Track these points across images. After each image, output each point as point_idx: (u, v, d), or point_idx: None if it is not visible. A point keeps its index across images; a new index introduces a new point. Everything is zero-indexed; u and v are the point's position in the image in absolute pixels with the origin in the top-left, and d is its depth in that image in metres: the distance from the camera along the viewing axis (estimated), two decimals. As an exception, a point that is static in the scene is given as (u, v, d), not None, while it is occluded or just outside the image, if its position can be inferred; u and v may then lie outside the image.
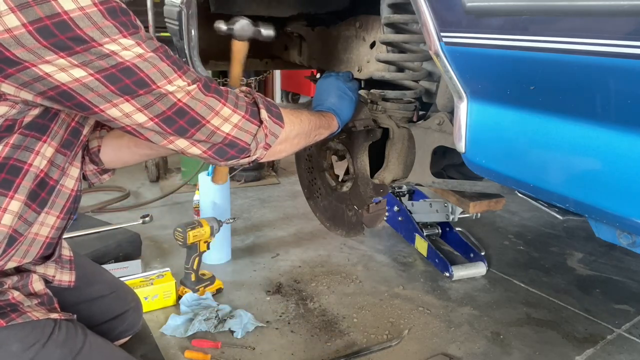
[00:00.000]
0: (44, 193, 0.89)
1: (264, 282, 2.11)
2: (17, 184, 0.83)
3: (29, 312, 0.87)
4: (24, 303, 0.89)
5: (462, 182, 1.38)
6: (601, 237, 0.98)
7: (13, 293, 0.88)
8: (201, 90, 0.84)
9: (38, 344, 0.86)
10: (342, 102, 1.25)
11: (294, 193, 3.26)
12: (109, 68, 0.73)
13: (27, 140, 0.82)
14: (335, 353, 1.64)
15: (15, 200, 0.84)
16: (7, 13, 0.66)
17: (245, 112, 0.91)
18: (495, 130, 1.00)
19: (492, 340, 1.75)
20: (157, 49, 0.78)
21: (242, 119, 0.90)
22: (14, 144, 0.81)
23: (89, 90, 0.74)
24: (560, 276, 2.25)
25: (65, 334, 0.90)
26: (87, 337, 0.95)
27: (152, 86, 0.77)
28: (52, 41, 0.68)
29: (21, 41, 0.67)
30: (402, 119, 1.42)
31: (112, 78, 0.74)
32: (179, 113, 0.82)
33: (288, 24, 1.89)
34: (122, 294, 1.25)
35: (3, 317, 0.84)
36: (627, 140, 0.77)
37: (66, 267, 1.07)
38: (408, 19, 1.24)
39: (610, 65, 0.72)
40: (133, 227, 2.36)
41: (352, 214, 1.54)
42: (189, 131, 0.85)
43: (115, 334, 1.20)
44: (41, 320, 0.88)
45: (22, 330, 0.85)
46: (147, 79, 0.77)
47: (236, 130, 0.89)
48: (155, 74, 0.77)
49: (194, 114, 0.83)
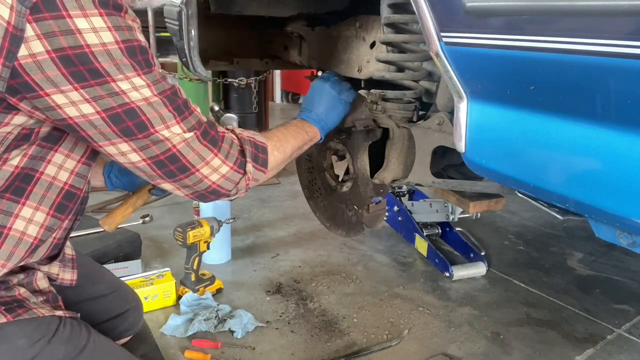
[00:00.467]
0: (59, 198, 0.91)
1: (264, 282, 2.11)
2: (42, 195, 0.87)
3: (35, 309, 0.89)
4: (29, 299, 0.90)
5: (462, 182, 1.38)
6: (601, 237, 0.98)
7: (19, 290, 0.90)
8: (198, 139, 0.86)
9: (43, 339, 0.87)
10: (330, 113, 1.28)
11: (294, 193, 3.26)
12: (115, 107, 0.76)
13: (43, 152, 0.85)
14: (335, 353, 1.64)
15: (40, 212, 0.87)
16: (34, 39, 0.69)
17: (234, 162, 0.93)
18: (495, 130, 1.00)
19: (492, 340, 1.75)
20: (164, 91, 0.81)
21: (231, 170, 0.92)
22: (32, 154, 0.84)
23: (93, 127, 0.77)
24: (560, 276, 2.25)
25: (69, 331, 0.92)
26: (91, 335, 0.96)
27: (150, 130, 0.80)
28: (71, 70, 0.71)
29: (43, 67, 0.70)
30: (402, 119, 1.42)
31: (116, 118, 0.77)
32: (171, 159, 0.84)
33: (288, 24, 1.89)
34: (122, 294, 1.26)
35: (10, 312, 0.85)
36: (627, 140, 0.77)
37: (68, 265, 1.08)
38: (408, 19, 1.24)
39: (610, 65, 0.72)
40: (133, 227, 2.36)
41: (352, 214, 1.54)
42: (177, 176, 0.87)
43: (116, 333, 1.20)
44: (47, 316, 0.90)
45: (28, 325, 0.86)
46: (147, 123, 0.79)
47: (222, 180, 0.92)
48: (155, 118, 0.80)
49: (185, 162, 0.86)
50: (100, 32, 0.72)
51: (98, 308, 1.16)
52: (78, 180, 0.91)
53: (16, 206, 0.84)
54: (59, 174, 0.88)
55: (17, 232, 0.85)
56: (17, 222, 0.84)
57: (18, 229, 0.85)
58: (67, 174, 0.89)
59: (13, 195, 0.83)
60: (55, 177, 0.87)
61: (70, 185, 0.90)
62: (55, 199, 0.88)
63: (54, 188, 0.88)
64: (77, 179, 0.91)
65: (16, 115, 0.77)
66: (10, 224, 0.84)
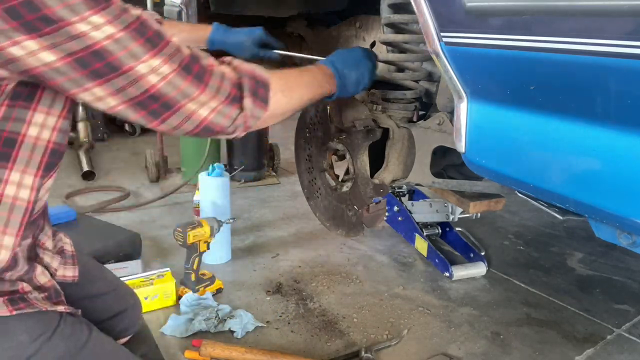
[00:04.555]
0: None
1: (264, 282, 2.11)
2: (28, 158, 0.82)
3: (36, 303, 0.88)
4: (31, 294, 0.89)
5: (462, 182, 1.39)
6: (601, 237, 0.98)
7: (22, 284, 0.89)
8: (179, 74, 0.80)
9: (44, 335, 0.86)
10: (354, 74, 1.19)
11: (294, 193, 3.26)
12: (79, 51, 0.70)
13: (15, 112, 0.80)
14: (335, 353, 1.64)
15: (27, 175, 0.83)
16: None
17: (226, 97, 0.86)
18: (495, 130, 1.00)
19: (492, 340, 1.75)
20: (129, 25, 0.74)
21: (221, 105, 0.86)
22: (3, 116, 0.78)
23: (60, 75, 0.72)
24: (560, 276, 2.25)
25: (70, 327, 0.91)
26: (92, 332, 0.95)
27: (122, 68, 0.74)
28: (20, 22, 0.66)
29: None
30: (402, 119, 1.42)
31: (82, 62, 0.71)
32: (152, 98, 0.79)
33: (288, 24, 1.89)
34: (121, 293, 1.25)
35: (12, 304, 0.84)
36: (627, 140, 0.77)
37: (69, 262, 1.08)
38: (408, 19, 1.24)
39: (610, 65, 0.72)
40: (133, 227, 2.36)
41: (352, 214, 1.54)
42: (161, 115, 0.82)
43: (114, 333, 1.20)
44: (48, 312, 0.89)
45: (29, 320, 0.85)
46: (116, 62, 0.73)
47: (214, 114, 0.86)
48: (125, 56, 0.74)
49: (167, 99, 0.80)
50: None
51: (97, 306, 1.16)
52: (61, 136, 0.87)
53: (4, 172, 0.81)
54: (41, 133, 0.83)
55: (9, 198, 0.82)
56: (8, 187, 0.82)
57: (9, 194, 0.82)
58: (49, 131, 0.84)
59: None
60: (38, 137, 0.83)
61: (54, 142, 0.86)
62: (42, 160, 0.85)
63: (38, 148, 0.84)
64: (60, 134, 0.87)
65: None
66: (1, 190, 0.81)
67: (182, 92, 0.81)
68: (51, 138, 0.85)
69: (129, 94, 0.77)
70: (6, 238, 0.84)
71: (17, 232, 0.85)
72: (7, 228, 0.83)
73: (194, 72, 0.82)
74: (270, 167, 3.65)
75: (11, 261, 0.86)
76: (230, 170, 3.29)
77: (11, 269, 0.88)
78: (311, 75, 1.11)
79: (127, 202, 3.00)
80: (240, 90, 0.89)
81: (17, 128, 0.81)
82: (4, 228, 0.83)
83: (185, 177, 3.30)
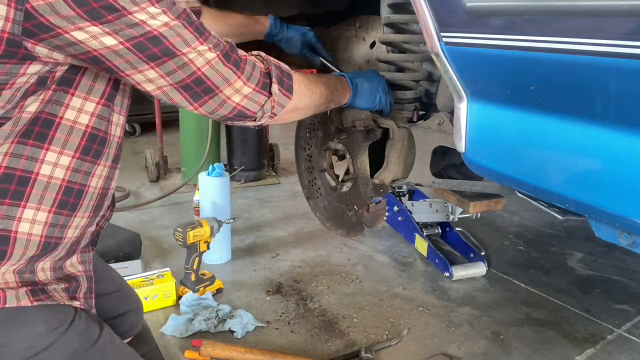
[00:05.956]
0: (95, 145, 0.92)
1: (264, 282, 2.11)
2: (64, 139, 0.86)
3: (55, 295, 0.90)
4: (50, 285, 0.91)
5: (462, 182, 1.39)
6: (601, 237, 0.98)
7: (46, 274, 0.90)
8: (221, 60, 0.89)
9: (61, 327, 0.88)
10: (367, 90, 1.30)
11: (294, 193, 3.26)
12: (138, 37, 0.77)
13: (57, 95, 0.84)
14: (335, 353, 1.64)
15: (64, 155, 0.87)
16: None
17: (256, 84, 0.96)
18: (495, 130, 1.00)
19: (492, 340, 1.75)
20: (180, 15, 0.82)
21: (253, 91, 0.96)
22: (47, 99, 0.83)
23: (118, 57, 0.79)
24: (560, 276, 2.25)
25: (85, 322, 0.93)
26: (103, 329, 0.97)
27: (176, 53, 0.82)
28: (86, 9, 0.72)
29: (56, 8, 0.71)
30: (402, 119, 1.42)
31: (141, 46, 0.79)
32: (196, 81, 0.87)
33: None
34: (125, 294, 1.26)
35: (34, 294, 0.86)
36: (627, 140, 0.77)
37: None
38: (408, 19, 1.24)
39: (610, 65, 0.72)
40: (133, 227, 2.36)
41: (352, 214, 1.54)
42: (202, 98, 0.90)
43: (116, 333, 1.20)
44: (65, 305, 0.91)
45: (48, 312, 0.87)
46: (171, 47, 0.81)
47: (246, 100, 0.95)
48: (179, 42, 0.82)
49: (209, 84, 0.89)
50: None
51: (101, 306, 1.16)
52: (99, 122, 0.90)
53: (40, 151, 0.84)
54: (79, 117, 0.87)
55: (45, 177, 0.85)
56: (44, 166, 0.85)
57: (45, 173, 0.85)
58: (88, 116, 0.88)
59: (36, 141, 0.84)
60: (75, 120, 0.87)
61: (92, 127, 0.89)
62: (80, 142, 0.88)
63: (75, 131, 0.87)
64: (98, 120, 0.90)
65: (31, 65, 0.78)
66: (37, 168, 0.84)
67: (222, 77, 0.90)
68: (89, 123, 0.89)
69: (177, 77, 0.85)
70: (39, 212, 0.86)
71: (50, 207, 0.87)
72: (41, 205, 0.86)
73: (232, 59, 0.92)
74: (270, 167, 3.65)
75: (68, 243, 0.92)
76: (230, 170, 3.29)
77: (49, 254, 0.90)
78: (327, 78, 1.23)
79: (127, 202, 3.00)
80: (269, 77, 0.99)
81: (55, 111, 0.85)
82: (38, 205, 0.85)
83: (185, 177, 3.30)
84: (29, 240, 0.85)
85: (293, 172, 3.53)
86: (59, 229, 0.89)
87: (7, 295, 0.83)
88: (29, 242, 0.85)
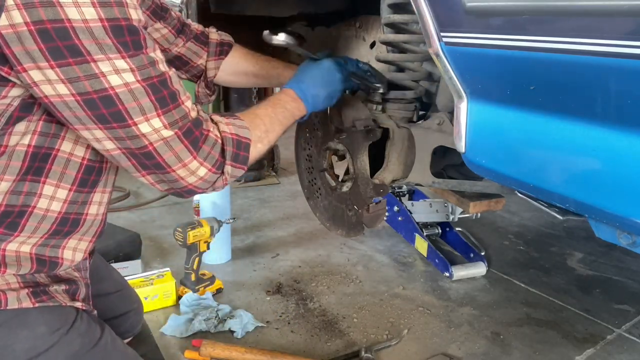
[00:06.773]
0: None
1: (264, 282, 2.11)
2: (61, 172, 0.85)
3: (57, 297, 0.90)
4: (51, 286, 0.91)
5: (462, 182, 1.38)
6: (601, 237, 0.98)
7: (43, 277, 0.91)
8: (179, 138, 0.82)
9: (62, 329, 0.88)
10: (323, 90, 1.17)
11: (294, 193, 3.26)
12: (91, 92, 0.72)
13: (54, 127, 0.82)
14: (335, 353, 1.64)
15: (61, 189, 0.86)
16: (13, 9, 0.66)
17: (213, 165, 0.89)
18: (495, 130, 1.00)
19: (492, 340, 1.75)
20: (149, 78, 0.76)
21: (209, 172, 0.88)
22: (41, 131, 0.81)
23: (67, 109, 0.74)
24: (560, 276, 2.25)
25: (86, 324, 0.93)
26: (104, 330, 0.97)
27: (127, 121, 0.76)
28: (50, 46, 0.68)
29: (21, 39, 0.67)
30: (402, 119, 1.42)
31: (91, 104, 0.73)
32: (146, 155, 0.81)
33: (288, 24, 1.89)
34: (126, 294, 1.26)
35: (35, 296, 0.86)
36: (627, 140, 0.77)
37: None
38: (408, 19, 1.24)
39: (610, 65, 0.72)
40: (133, 227, 2.36)
41: (352, 214, 1.54)
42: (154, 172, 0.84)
43: (116, 333, 1.20)
44: (67, 306, 0.91)
45: (49, 313, 0.87)
46: (124, 113, 0.75)
47: (199, 182, 0.88)
48: (134, 109, 0.75)
49: (160, 160, 0.82)
50: (83, 7, 0.68)
51: (102, 306, 1.16)
52: (95, 152, 0.89)
53: (38, 186, 0.84)
54: (75, 149, 0.85)
55: (41, 210, 0.85)
56: (41, 200, 0.84)
57: (42, 207, 0.85)
58: (84, 148, 0.86)
59: (34, 175, 0.83)
60: (71, 152, 0.85)
61: (88, 159, 0.88)
62: (76, 176, 0.87)
63: (72, 164, 0.86)
64: (94, 151, 0.89)
65: (13, 88, 0.75)
66: (35, 202, 0.84)
67: (175, 156, 0.83)
68: (85, 155, 0.87)
69: (126, 145, 0.79)
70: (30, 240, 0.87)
71: (41, 237, 0.88)
72: (33, 234, 0.87)
73: (193, 136, 0.84)
74: (270, 167, 3.64)
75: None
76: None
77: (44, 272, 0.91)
78: (283, 108, 1.09)
79: (127, 202, 3.00)
80: (224, 157, 0.91)
81: (53, 144, 0.83)
82: (30, 235, 0.86)
83: (185, 177, 3.30)
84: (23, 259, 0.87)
85: (293, 172, 3.53)
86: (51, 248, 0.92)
87: (8, 297, 0.83)
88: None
